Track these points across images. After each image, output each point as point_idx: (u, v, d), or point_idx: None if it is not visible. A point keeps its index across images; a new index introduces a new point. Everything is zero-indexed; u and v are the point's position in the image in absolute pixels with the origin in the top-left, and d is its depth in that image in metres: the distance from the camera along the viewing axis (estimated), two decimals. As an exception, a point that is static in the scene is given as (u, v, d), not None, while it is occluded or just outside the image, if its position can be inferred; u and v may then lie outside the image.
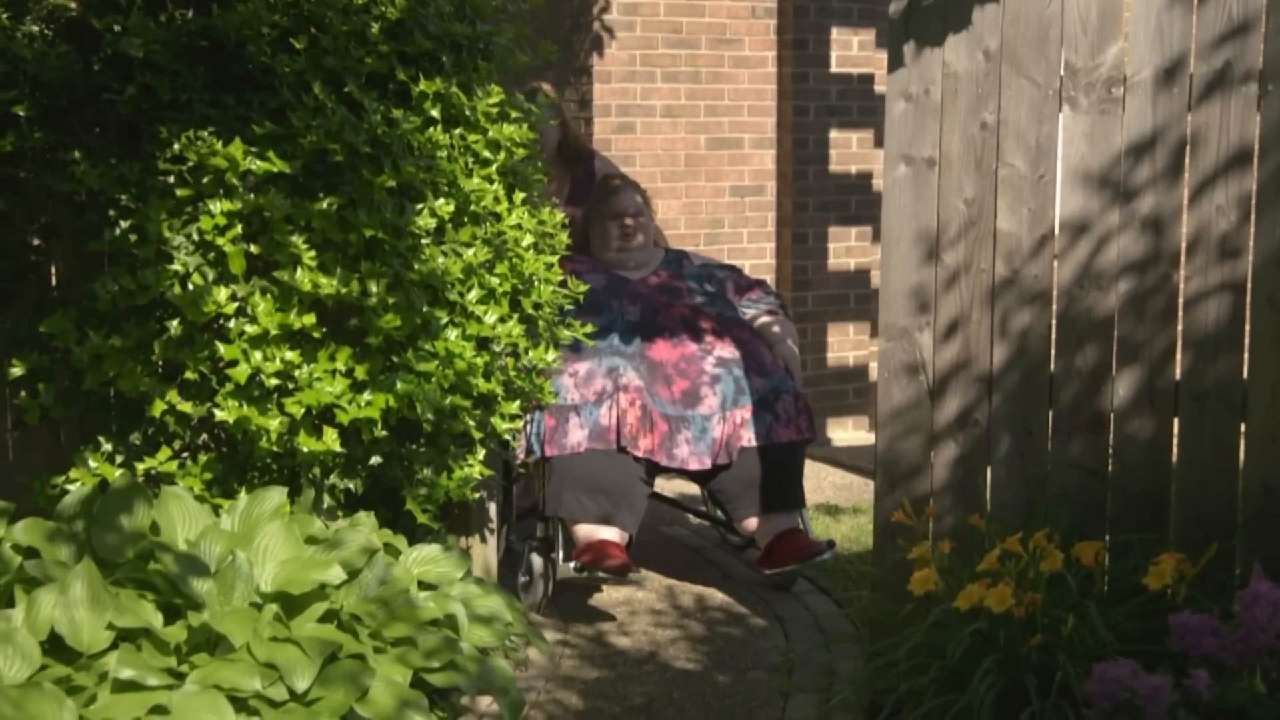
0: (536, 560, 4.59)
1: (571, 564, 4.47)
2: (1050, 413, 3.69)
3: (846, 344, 7.22)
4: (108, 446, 3.73)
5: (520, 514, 4.98)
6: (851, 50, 7.06)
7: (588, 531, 4.51)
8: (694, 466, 4.58)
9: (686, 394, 4.60)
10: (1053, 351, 3.68)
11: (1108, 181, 3.59)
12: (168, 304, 3.63)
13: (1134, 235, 3.58)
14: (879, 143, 7.03)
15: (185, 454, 3.79)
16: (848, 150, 7.13)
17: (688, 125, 6.91)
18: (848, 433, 7.22)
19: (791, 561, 4.54)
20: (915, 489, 3.76)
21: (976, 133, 3.67)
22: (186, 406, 3.65)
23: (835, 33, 7.02)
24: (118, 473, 3.62)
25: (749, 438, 4.58)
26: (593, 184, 5.25)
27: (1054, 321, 3.68)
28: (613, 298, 4.81)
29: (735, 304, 5.01)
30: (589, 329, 4.31)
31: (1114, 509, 3.62)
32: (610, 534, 4.50)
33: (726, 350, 4.70)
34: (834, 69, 7.04)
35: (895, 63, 3.70)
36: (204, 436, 3.81)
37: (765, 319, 4.98)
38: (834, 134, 7.08)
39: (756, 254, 7.05)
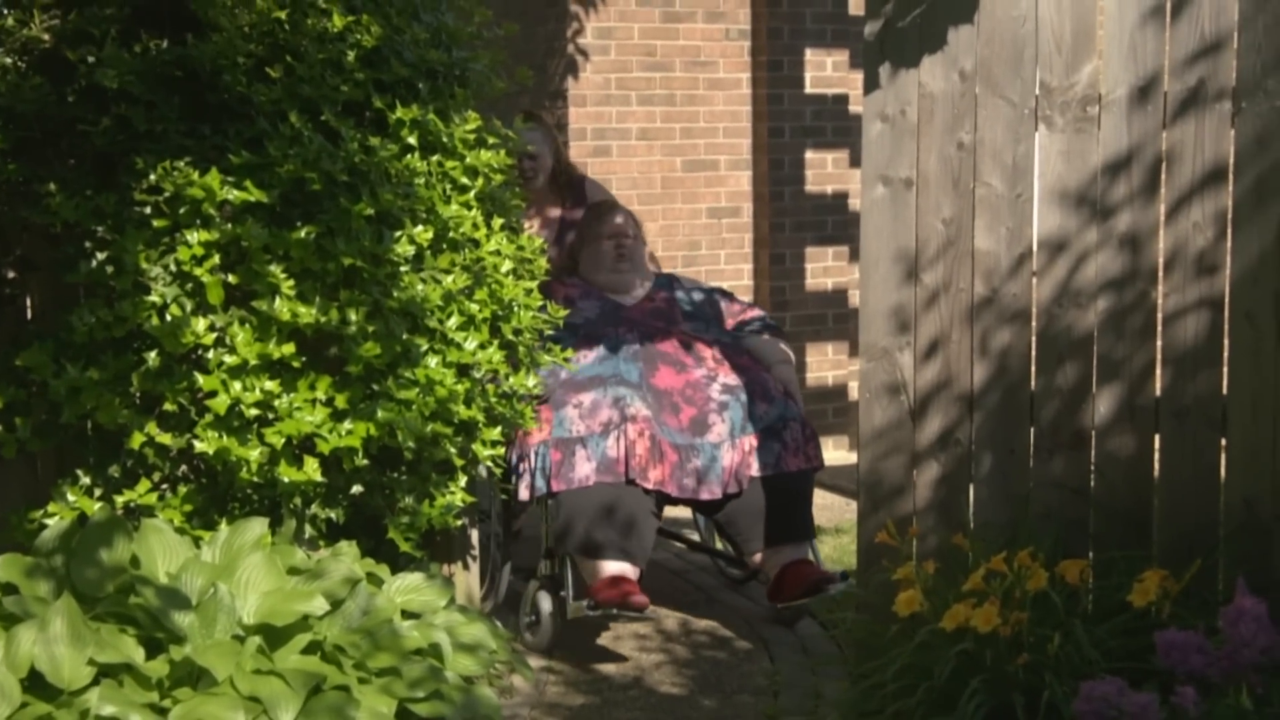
0: (544, 600, 4.43)
1: (584, 602, 4.27)
2: (1032, 431, 3.69)
3: (825, 364, 7.23)
4: (86, 480, 3.71)
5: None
6: (825, 71, 7.09)
7: (600, 568, 4.32)
8: (704, 497, 4.42)
9: (694, 421, 4.46)
10: (1033, 370, 3.68)
11: (1085, 200, 3.60)
12: (145, 335, 3.61)
13: (1112, 253, 3.59)
14: (855, 162, 7.05)
15: (165, 486, 3.77)
16: (823, 170, 7.15)
17: (663, 148, 6.92)
18: (828, 453, 7.16)
19: (802, 594, 4.38)
20: (898, 509, 3.76)
21: (953, 153, 3.68)
22: (166, 438, 3.63)
23: (809, 54, 7.05)
24: (97, 506, 3.60)
25: (758, 467, 4.45)
26: (583, 208, 5.20)
27: (1034, 340, 3.68)
28: (609, 325, 4.72)
29: (728, 329, 4.93)
30: (568, 353, 4.30)
31: (1097, 526, 3.62)
32: (623, 569, 4.32)
33: (730, 377, 4.59)
34: (809, 90, 7.07)
35: (871, 84, 3.71)
36: (183, 468, 3.79)
37: (764, 338, 4.91)
38: (809, 154, 7.10)
39: (734, 275, 7.06)
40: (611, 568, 4.31)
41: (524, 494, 4.37)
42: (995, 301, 3.68)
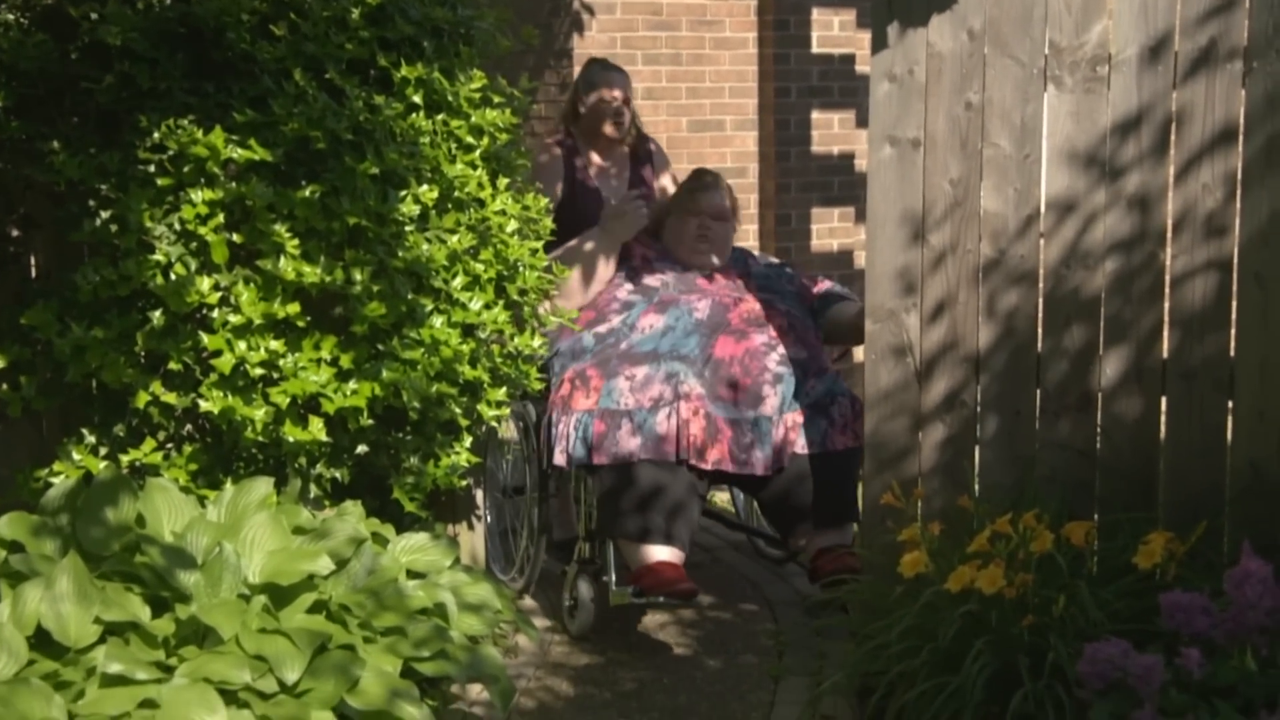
0: (584, 586, 4.27)
1: (630, 589, 4.11)
2: (1038, 393, 3.68)
3: (831, 325, 7.20)
4: (91, 439, 3.72)
5: (560, 546, 4.54)
6: (832, 30, 7.05)
7: (644, 552, 4.12)
8: (760, 471, 4.25)
9: (748, 392, 4.29)
10: (1040, 331, 3.68)
11: (1094, 160, 3.58)
12: (150, 294, 3.61)
13: (1120, 214, 3.58)
14: (861, 123, 7.03)
15: (170, 445, 3.78)
16: (830, 131, 7.12)
17: (669, 108, 6.89)
18: (833, 414, 7.20)
19: (839, 571, 4.14)
20: (904, 471, 3.76)
21: (961, 113, 3.66)
22: (170, 397, 3.64)
23: (816, 13, 7.01)
24: (102, 465, 3.61)
25: (802, 444, 4.28)
26: (649, 166, 5.04)
27: (1041, 301, 3.67)
28: (680, 293, 4.54)
29: (813, 299, 4.77)
30: (574, 313, 4.29)
31: (1102, 488, 3.62)
32: (669, 554, 4.13)
33: (791, 349, 4.43)
34: (815, 49, 7.03)
35: (879, 43, 3.69)
36: (188, 427, 3.80)
37: (851, 304, 4.74)
38: (816, 115, 7.07)
39: (740, 236, 7.01)
40: (658, 553, 4.12)
41: (559, 459, 4.20)
42: (1002, 263, 3.67)
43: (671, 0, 6.81)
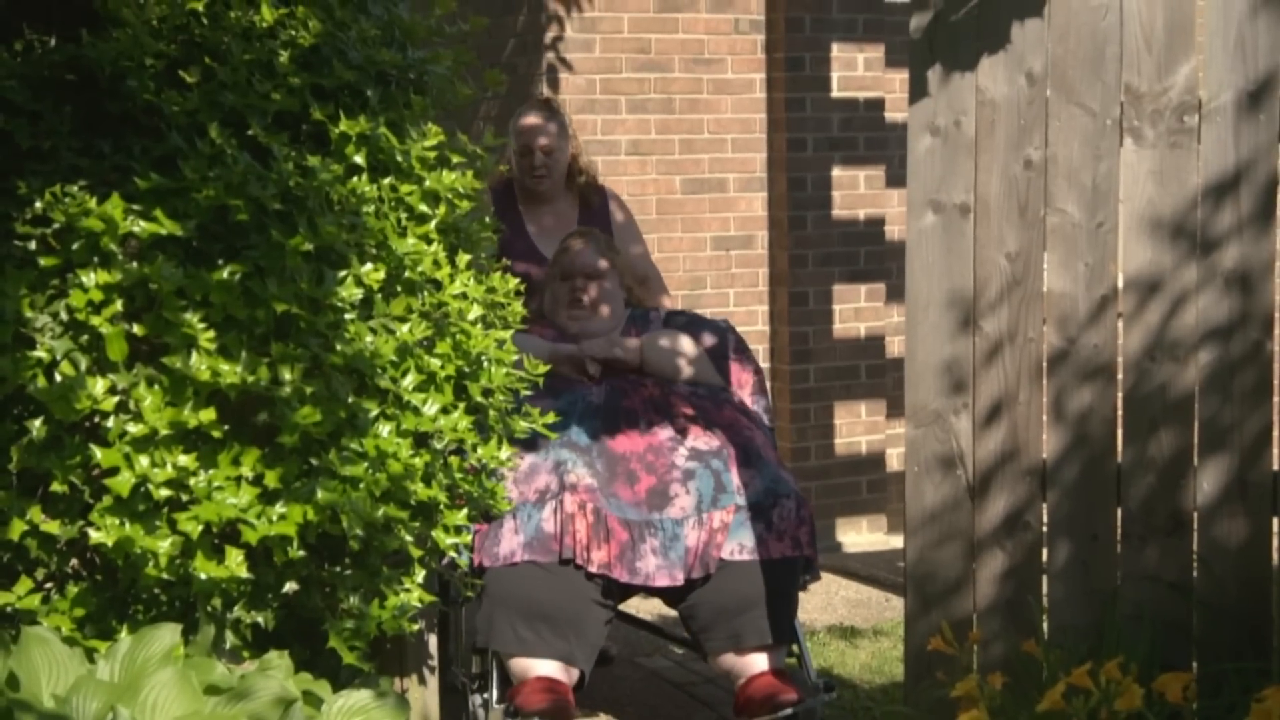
0: (477, 705, 4.47)
1: (503, 707, 4.33)
2: (1119, 513, 3.69)
3: (858, 427, 7.20)
4: (-47, 578, 3.67)
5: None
6: (856, 70, 7.11)
7: (522, 667, 4.36)
8: (661, 583, 4.42)
9: (653, 493, 4.49)
10: (1119, 438, 3.67)
11: (1182, 230, 3.60)
12: (28, 399, 3.58)
13: (1216, 294, 3.59)
14: (892, 182, 7.07)
15: (50, 585, 3.73)
16: (854, 191, 7.15)
17: (659, 164, 6.92)
18: (861, 535, 7.19)
19: (764, 712, 4.32)
20: (955, 609, 3.75)
21: (1020, 172, 3.68)
22: (52, 526, 3.59)
23: (836, 49, 7.07)
24: (-33, 610, 3.55)
25: (732, 548, 4.43)
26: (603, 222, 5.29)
27: (1120, 401, 3.67)
28: (574, 378, 4.79)
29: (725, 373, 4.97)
30: (550, 418, 4.27)
31: (1202, 631, 3.61)
32: (549, 669, 4.34)
33: (704, 440, 4.60)
34: (835, 93, 7.08)
35: (918, 90, 3.71)
36: (74, 563, 3.76)
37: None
38: (837, 172, 7.11)
39: (746, 319, 7.04)
40: (540, 667, 4.33)
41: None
42: (1072, 354, 3.68)
43: (661, 35, 6.86)
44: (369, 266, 3.71)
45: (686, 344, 4.94)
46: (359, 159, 3.74)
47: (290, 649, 3.73)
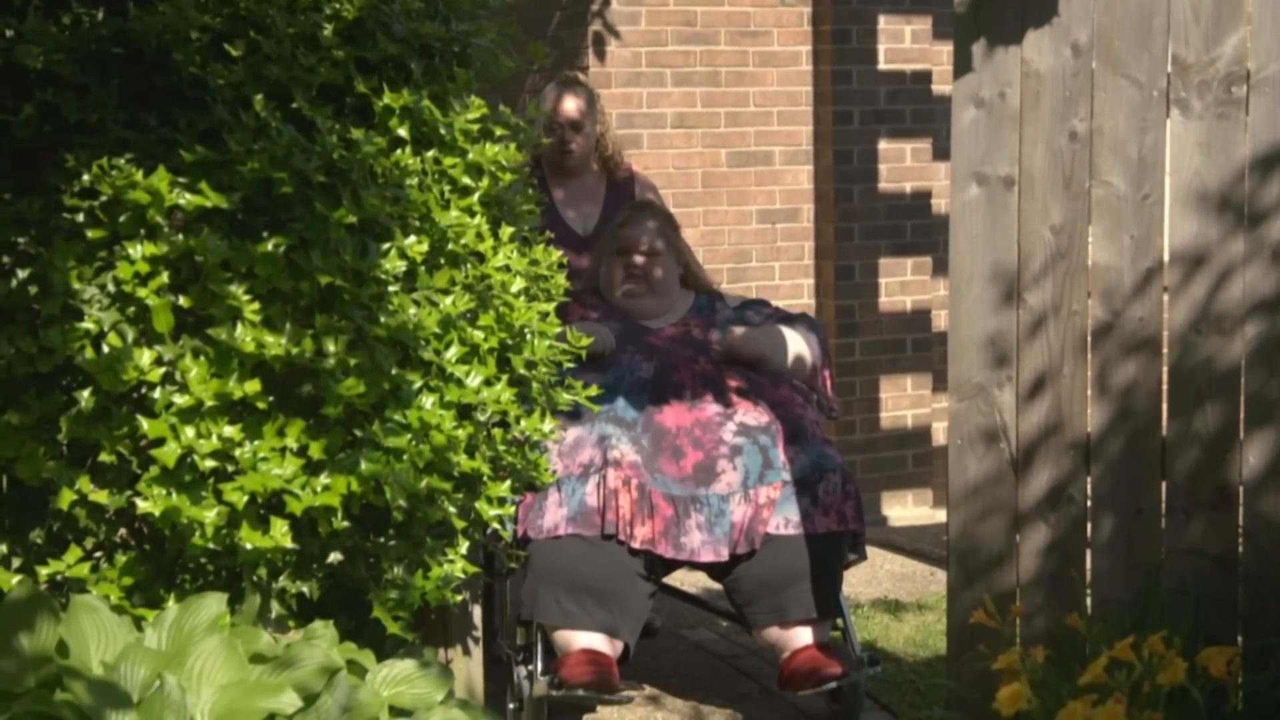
0: (522, 677, 4.50)
1: (547, 679, 4.36)
2: (1164, 486, 3.68)
3: (904, 401, 7.19)
4: (2, 548, 3.70)
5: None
6: (903, 42, 7.08)
7: (566, 639, 4.40)
8: (706, 558, 4.45)
9: (699, 468, 4.51)
10: (1165, 411, 3.67)
11: (1229, 202, 3.58)
12: (77, 370, 3.60)
13: (1263, 267, 3.57)
14: (939, 155, 7.04)
15: (99, 554, 3.76)
16: (901, 164, 7.13)
17: (705, 137, 6.91)
18: (907, 509, 7.18)
19: (808, 686, 4.36)
20: (998, 583, 3.75)
21: (1064, 144, 3.67)
22: (101, 496, 3.62)
23: (883, 21, 7.04)
24: (15, 579, 3.58)
25: (778, 523, 4.46)
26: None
27: (1166, 374, 3.66)
28: (624, 350, 4.80)
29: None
30: (593, 391, 4.28)
31: (1247, 605, 3.60)
32: (593, 641, 4.38)
33: (753, 415, 4.61)
34: (882, 65, 7.06)
35: (963, 62, 3.70)
36: (122, 532, 3.78)
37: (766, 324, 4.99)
38: (884, 145, 7.09)
39: (791, 292, 7.04)
40: (579, 640, 4.37)
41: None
42: (1117, 327, 3.67)
43: (707, 8, 6.84)
44: (412, 239, 3.72)
45: (799, 343, 4.96)
46: (402, 132, 3.75)
47: (335, 619, 3.75)
